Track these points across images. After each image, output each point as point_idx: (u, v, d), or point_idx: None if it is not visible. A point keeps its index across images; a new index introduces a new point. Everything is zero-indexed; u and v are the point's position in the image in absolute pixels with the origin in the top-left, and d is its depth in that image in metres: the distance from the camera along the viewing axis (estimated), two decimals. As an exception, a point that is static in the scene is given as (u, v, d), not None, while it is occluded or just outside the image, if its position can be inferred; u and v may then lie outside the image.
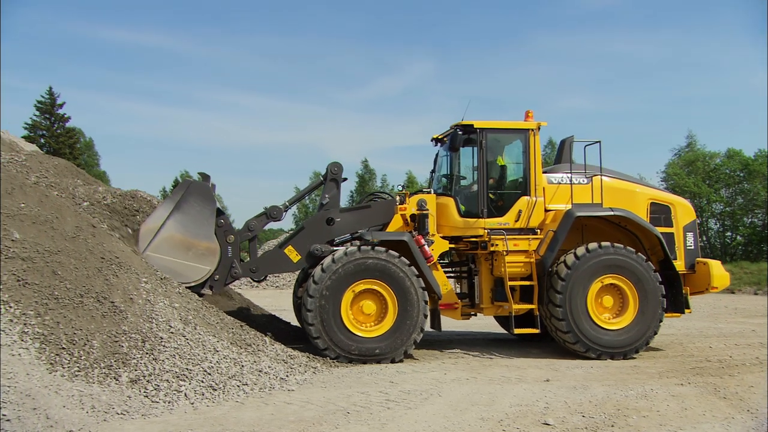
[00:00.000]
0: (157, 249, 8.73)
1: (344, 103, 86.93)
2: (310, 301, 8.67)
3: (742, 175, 36.13)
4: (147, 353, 6.39)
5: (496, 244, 9.51)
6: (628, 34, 76.74)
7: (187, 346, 6.85)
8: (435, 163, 10.87)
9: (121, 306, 6.81)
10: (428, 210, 9.57)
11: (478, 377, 7.87)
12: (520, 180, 9.94)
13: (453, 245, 9.92)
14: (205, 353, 6.91)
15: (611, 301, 9.39)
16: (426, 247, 9.30)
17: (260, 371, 7.22)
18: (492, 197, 9.80)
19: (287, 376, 7.43)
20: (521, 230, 9.66)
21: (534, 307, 9.43)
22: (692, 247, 10.16)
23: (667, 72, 74.51)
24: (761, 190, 34.32)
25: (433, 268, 9.44)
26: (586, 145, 9.93)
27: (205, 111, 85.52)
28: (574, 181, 9.84)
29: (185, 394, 6.13)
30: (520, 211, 9.69)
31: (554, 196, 9.83)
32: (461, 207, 9.76)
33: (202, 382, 6.42)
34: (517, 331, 9.63)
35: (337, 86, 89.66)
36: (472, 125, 9.70)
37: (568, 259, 9.22)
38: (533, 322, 9.48)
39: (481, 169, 9.68)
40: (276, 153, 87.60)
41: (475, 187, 9.83)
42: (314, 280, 8.72)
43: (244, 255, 9.96)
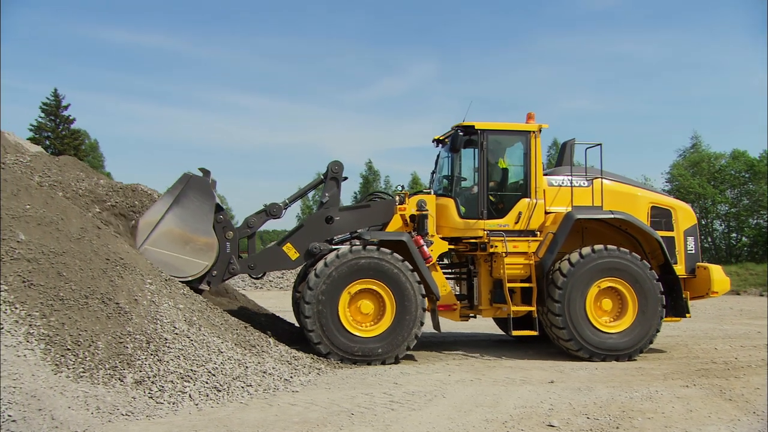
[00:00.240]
0: (155, 243, 8.71)
1: (347, 104, 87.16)
2: (308, 308, 8.67)
3: (747, 176, 35.95)
4: (152, 354, 6.40)
5: (496, 246, 9.50)
6: (631, 34, 76.81)
7: (192, 347, 6.87)
8: (436, 164, 10.87)
9: (126, 307, 6.83)
10: (428, 211, 9.56)
11: (483, 379, 7.86)
12: (521, 182, 9.92)
13: (452, 246, 9.91)
14: (209, 354, 6.92)
15: (610, 304, 9.37)
16: (425, 247, 9.28)
17: (264, 372, 7.22)
18: (492, 199, 9.79)
19: (291, 377, 7.44)
20: (521, 232, 9.64)
21: (533, 309, 9.42)
22: (693, 252, 10.12)
23: (671, 72, 74.55)
24: (767, 192, 34.17)
25: (432, 269, 9.43)
26: (587, 148, 9.92)
27: (208, 112, 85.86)
28: (575, 184, 9.83)
29: (190, 395, 6.14)
30: (520, 213, 9.68)
31: (555, 199, 9.82)
32: (461, 208, 9.75)
33: (207, 383, 6.43)
34: (515, 333, 9.62)
35: (340, 87, 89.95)
36: (473, 126, 9.69)
37: (567, 262, 9.21)
38: (532, 324, 9.47)
39: (482, 170, 9.67)
40: (279, 154, 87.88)
41: (475, 189, 9.82)
42: (309, 286, 8.71)
43: (245, 255, 9.96)
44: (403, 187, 10.33)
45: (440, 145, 10.73)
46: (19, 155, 9.71)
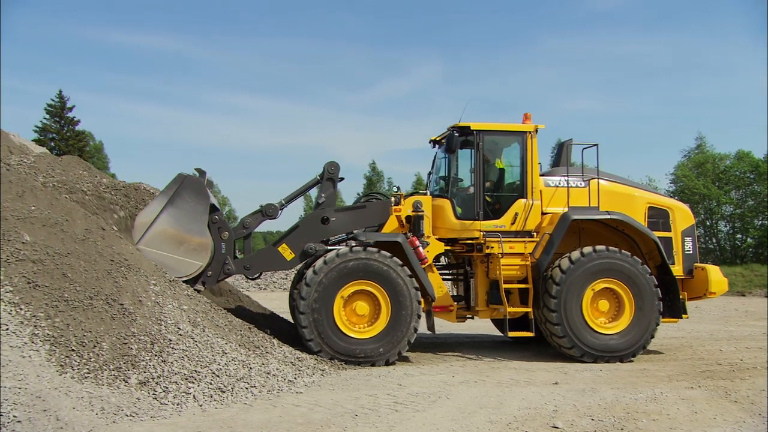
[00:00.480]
0: (150, 243, 8.70)
1: (351, 105, 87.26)
2: (303, 318, 8.66)
3: (752, 176, 35.84)
4: (156, 355, 6.42)
5: (492, 247, 9.48)
6: (634, 34, 76.65)
7: (196, 348, 6.88)
8: (433, 165, 10.84)
9: (131, 308, 6.85)
10: (423, 211, 9.54)
11: (487, 380, 7.85)
12: (517, 183, 9.90)
13: (449, 247, 9.89)
14: (213, 355, 6.93)
15: (607, 305, 9.34)
16: (420, 248, 9.26)
17: (268, 373, 7.23)
18: (488, 199, 9.78)
19: (295, 378, 7.44)
20: (517, 233, 9.62)
21: (529, 310, 9.41)
22: (690, 252, 10.08)
23: (675, 73, 74.32)
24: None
25: (428, 270, 9.42)
26: (584, 148, 9.91)
27: (212, 113, 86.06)
28: (572, 185, 9.81)
29: (194, 396, 6.15)
30: (516, 214, 9.66)
31: (551, 199, 9.79)
32: (457, 209, 9.73)
33: (211, 384, 6.44)
34: (512, 334, 9.59)
35: (343, 88, 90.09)
36: (469, 127, 9.67)
37: (563, 262, 9.18)
38: (528, 326, 9.44)
39: (478, 171, 9.65)
40: (282, 155, 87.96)
41: (471, 189, 9.81)
42: (302, 296, 8.70)
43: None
44: (398, 188, 10.27)
45: (437, 146, 10.70)
46: (23, 156, 9.74)
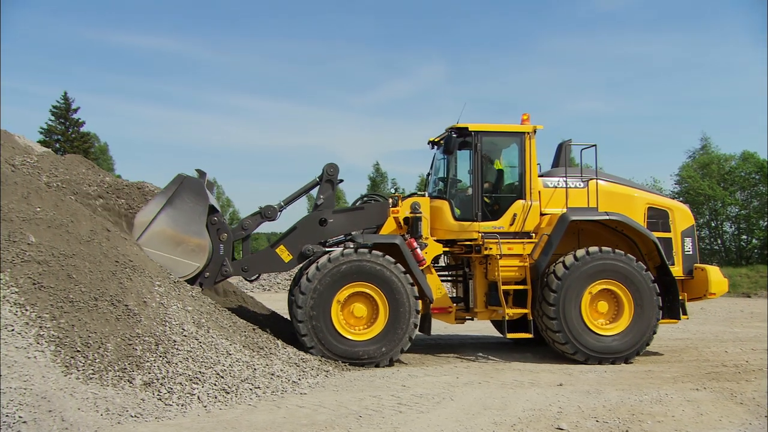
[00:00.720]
0: (148, 242, 8.70)
1: (355, 107, 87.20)
2: (302, 326, 8.66)
3: (757, 177, 35.68)
4: (160, 356, 6.43)
5: (490, 248, 9.45)
6: (638, 35, 76.32)
7: (200, 349, 6.89)
8: (432, 166, 10.82)
9: (135, 309, 6.86)
10: (421, 213, 9.53)
11: (491, 381, 7.84)
12: (516, 183, 9.89)
13: (447, 249, 9.88)
14: (217, 356, 6.95)
15: (606, 307, 9.31)
16: (418, 250, 9.25)
17: (272, 374, 7.24)
18: (487, 201, 9.76)
19: (299, 379, 7.45)
20: (516, 234, 9.59)
21: (527, 311, 9.38)
22: (690, 253, 10.04)
23: (680, 73, 73.99)
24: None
25: (426, 272, 9.41)
26: (583, 149, 9.89)
27: (216, 114, 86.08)
28: (571, 185, 9.78)
29: (198, 397, 6.16)
30: (515, 215, 9.64)
31: (550, 200, 9.77)
32: (456, 210, 9.71)
33: (215, 385, 6.45)
34: (510, 336, 9.56)
35: (346, 89, 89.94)
36: (467, 128, 9.66)
37: (562, 264, 9.15)
38: (527, 327, 9.42)
39: (476, 172, 9.62)
40: (285, 156, 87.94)
41: (469, 191, 9.79)
42: (298, 304, 8.70)
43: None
44: (396, 189, 10.29)
45: (435, 147, 10.68)
46: (26, 156, 9.77)
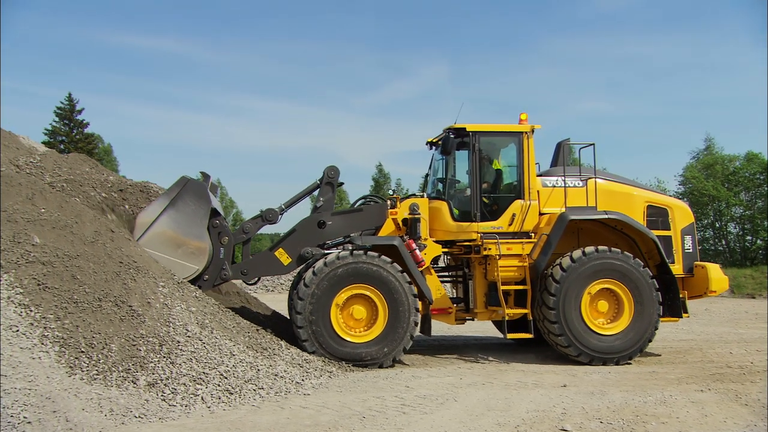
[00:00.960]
0: (148, 243, 8.70)
1: (358, 107, 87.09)
2: (302, 332, 8.65)
3: (762, 178, 35.56)
4: (164, 357, 6.44)
5: (489, 248, 9.44)
6: (641, 36, 76.06)
7: (204, 350, 6.90)
8: (430, 167, 10.80)
9: (139, 310, 6.88)
10: (420, 214, 9.52)
11: (494, 382, 7.83)
12: (514, 183, 9.88)
13: (446, 249, 9.87)
14: (221, 357, 6.95)
15: (606, 306, 9.28)
16: (417, 251, 9.24)
17: (276, 375, 7.24)
18: (485, 201, 9.75)
19: (303, 380, 7.45)
20: (515, 234, 9.58)
21: (527, 311, 9.37)
22: (690, 251, 10.02)
23: (682, 74, 73.68)
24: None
25: (425, 273, 9.40)
26: (581, 148, 9.89)
27: (219, 115, 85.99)
28: (569, 184, 9.76)
29: (202, 398, 6.17)
30: (513, 215, 9.63)
31: (549, 200, 9.75)
32: (454, 211, 9.70)
33: (219, 385, 6.46)
34: (510, 336, 9.54)
35: (350, 90, 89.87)
36: (465, 128, 9.65)
37: (562, 263, 9.13)
38: (527, 327, 9.40)
39: (474, 172, 9.62)
40: (288, 157, 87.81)
41: (468, 191, 9.78)
42: (297, 310, 8.69)
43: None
44: (394, 191, 10.28)
45: (434, 148, 10.66)
46: (29, 156, 9.77)
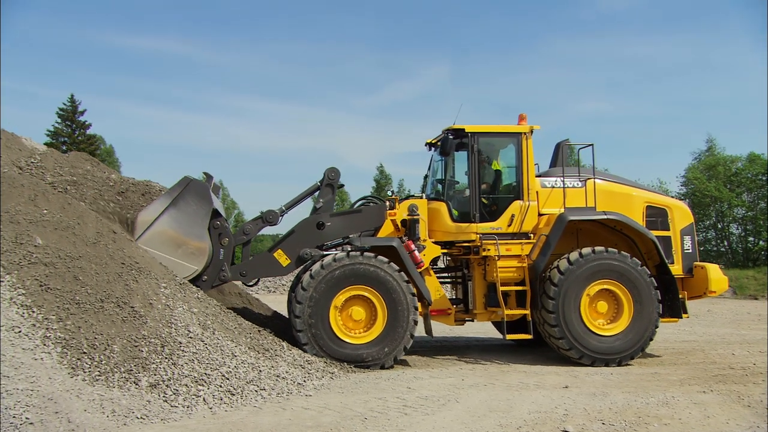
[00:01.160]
0: (148, 242, 8.69)
1: (359, 108, 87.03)
2: (302, 336, 8.66)
3: (764, 179, 35.51)
4: (166, 358, 6.45)
5: (488, 249, 9.44)
6: (643, 36, 75.95)
7: (206, 350, 6.91)
8: (429, 168, 10.78)
9: (141, 311, 6.89)
10: (419, 215, 9.51)
11: (496, 383, 7.82)
12: (513, 184, 9.88)
13: (445, 250, 9.86)
14: (223, 358, 6.96)
15: (605, 307, 9.27)
16: (416, 252, 9.23)
17: (278, 376, 7.24)
18: (484, 201, 9.75)
19: (305, 381, 7.45)
20: (514, 235, 9.58)
21: (527, 312, 9.35)
22: (690, 251, 10.00)
23: (684, 75, 73.57)
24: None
25: (425, 274, 9.39)
26: (580, 148, 9.88)
27: (220, 116, 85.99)
28: (568, 185, 9.76)
29: (204, 399, 6.17)
30: (512, 216, 9.63)
31: (548, 200, 9.75)
32: (453, 212, 9.71)
33: (221, 386, 6.46)
34: (510, 337, 9.53)
35: (351, 91, 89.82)
36: (464, 129, 9.65)
37: (561, 264, 9.12)
38: (526, 328, 9.40)
39: (473, 173, 9.62)
40: (290, 158, 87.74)
41: (467, 192, 9.78)
42: (295, 314, 8.70)
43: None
44: (393, 191, 10.28)
45: (433, 149, 10.66)
46: (29, 157, 9.76)
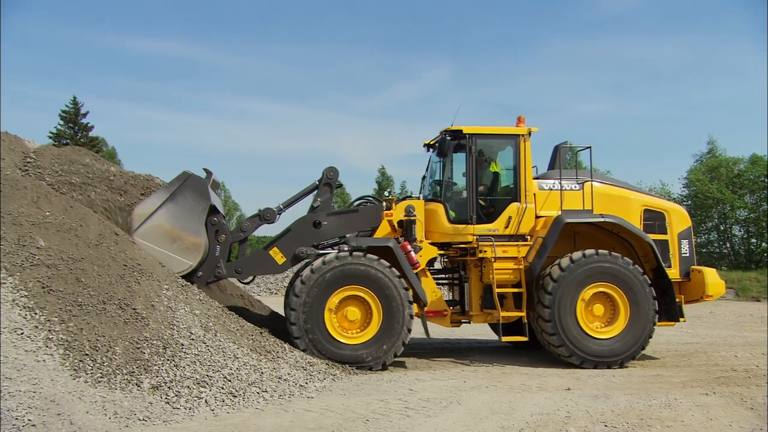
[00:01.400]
0: (144, 235, 8.70)
1: (361, 110, 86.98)
2: (300, 342, 8.66)
3: (766, 181, 35.44)
4: (168, 360, 6.45)
5: (485, 251, 9.43)
6: (645, 38, 75.83)
7: (208, 352, 6.91)
8: (427, 169, 10.77)
9: (143, 313, 6.89)
10: (416, 216, 9.51)
11: (498, 385, 7.81)
12: (511, 186, 9.87)
13: (442, 252, 9.85)
14: (225, 360, 6.96)
15: (602, 310, 9.24)
16: (412, 253, 9.22)
17: (280, 378, 7.24)
18: (482, 203, 9.75)
19: (306, 383, 7.45)
20: (511, 237, 9.58)
21: (523, 314, 9.34)
22: (687, 255, 9.98)
23: (687, 77, 73.45)
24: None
25: (421, 275, 9.39)
26: (578, 151, 9.86)
27: (223, 118, 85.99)
28: (566, 187, 9.74)
29: (206, 401, 6.18)
30: (509, 218, 9.62)
31: (545, 203, 9.73)
32: (450, 213, 9.70)
33: (223, 388, 6.46)
34: (505, 339, 9.53)
35: (353, 93, 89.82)
36: (461, 131, 9.64)
37: (554, 271, 9.10)
38: (522, 330, 9.38)
39: (471, 174, 9.61)
40: (291, 159, 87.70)
41: (464, 193, 9.77)
42: (291, 321, 8.69)
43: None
44: (390, 192, 10.27)
45: (431, 150, 10.64)
46: (27, 157, 9.73)
